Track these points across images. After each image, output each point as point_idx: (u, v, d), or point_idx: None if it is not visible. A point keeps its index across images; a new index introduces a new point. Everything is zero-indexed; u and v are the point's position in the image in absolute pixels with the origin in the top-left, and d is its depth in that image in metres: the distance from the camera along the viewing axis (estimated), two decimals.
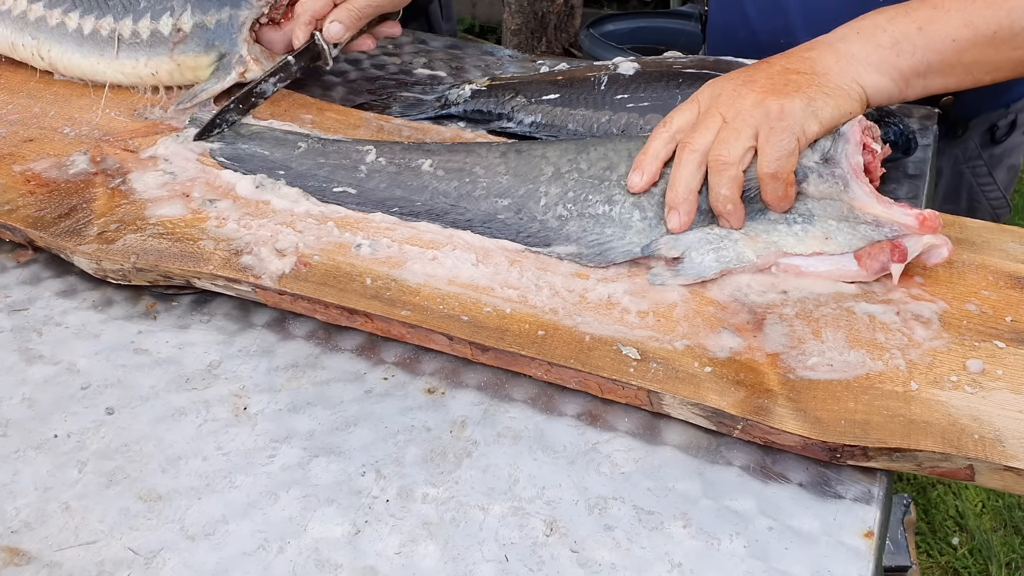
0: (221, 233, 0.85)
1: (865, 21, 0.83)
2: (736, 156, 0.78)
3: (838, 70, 0.80)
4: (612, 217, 0.83)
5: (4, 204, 0.89)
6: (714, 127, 0.79)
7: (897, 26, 0.81)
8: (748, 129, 0.78)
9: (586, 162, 0.87)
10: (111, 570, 0.61)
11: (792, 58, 0.82)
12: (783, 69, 0.81)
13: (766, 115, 0.77)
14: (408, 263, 0.82)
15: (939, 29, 0.80)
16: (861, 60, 0.81)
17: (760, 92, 0.78)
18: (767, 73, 0.81)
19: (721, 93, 0.81)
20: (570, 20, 3.11)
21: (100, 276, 0.84)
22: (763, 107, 0.77)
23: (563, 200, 0.85)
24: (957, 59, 0.80)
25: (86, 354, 0.77)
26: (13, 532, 0.63)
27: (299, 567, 0.61)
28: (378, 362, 0.77)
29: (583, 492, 0.66)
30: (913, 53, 0.80)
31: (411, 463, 0.68)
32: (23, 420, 0.72)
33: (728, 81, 0.82)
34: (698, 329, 0.75)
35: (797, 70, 0.80)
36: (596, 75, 1.01)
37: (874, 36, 0.81)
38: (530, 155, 0.89)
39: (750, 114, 0.78)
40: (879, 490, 0.66)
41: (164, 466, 0.68)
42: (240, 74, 1.01)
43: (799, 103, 0.77)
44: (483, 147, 0.92)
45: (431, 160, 0.91)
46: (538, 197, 0.86)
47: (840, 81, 0.80)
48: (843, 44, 0.82)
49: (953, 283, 0.79)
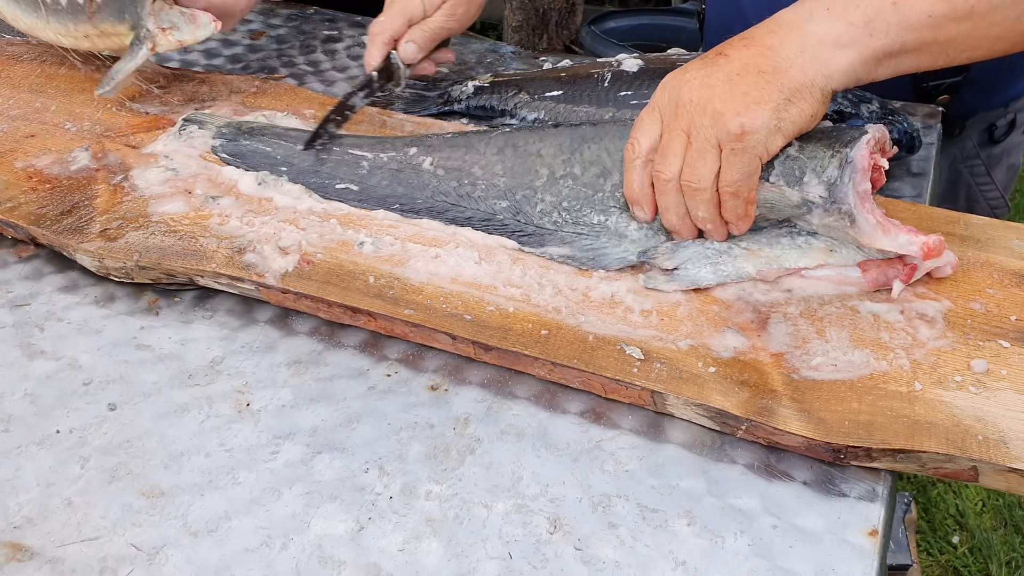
0: (224, 231, 0.85)
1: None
2: (706, 181, 0.75)
3: (803, 62, 0.74)
4: (608, 227, 0.83)
5: (6, 201, 0.89)
6: (680, 149, 0.75)
7: (871, 1, 0.74)
8: (711, 150, 0.74)
9: (580, 166, 0.86)
10: (114, 566, 0.61)
11: (752, 48, 0.75)
12: (743, 67, 0.74)
13: (727, 134, 0.73)
14: (411, 261, 0.82)
15: (915, 4, 0.73)
16: (829, 43, 0.74)
17: (720, 104, 0.73)
18: (725, 74, 0.74)
19: (679, 103, 0.75)
20: (571, 17, 3.10)
21: (103, 274, 0.84)
22: (723, 125, 0.73)
23: (558, 208, 0.85)
24: (933, 36, 0.74)
25: (88, 350, 0.77)
26: (15, 528, 0.63)
27: (302, 564, 0.61)
28: (381, 359, 0.77)
29: (587, 490, 0.66)
30: (887, 32, 0.74)
31: (414, 460, 0.68)
32: (25, 416, 0.72)
33: (685, 85, 0.75)
34: (702, 328, 0.75)
35: (759, 68, 0.74)
36: (599, 72, 1.01)
37: (845, 13, 0.74)
38: (526, 152, 0.89)
39: (711, 131, 0.73)
40: (883, 489, 0.66)
41: (167, 462, 0.68)
42: (151, 49, 0.97)
43: (761, 119, 0.72)
44: (481, 141, 0.91)
45: (431, 158, 0.91)
46: (534, 202, 0.86)
47: (805, 77, 0.74)
48: (810, 24, 0.75)
49: (958, 281, 0.79)
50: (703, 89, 0.74)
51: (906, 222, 0.84)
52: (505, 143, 0.90)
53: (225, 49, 1.23)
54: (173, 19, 0.98)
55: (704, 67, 0.75)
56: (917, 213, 0.87)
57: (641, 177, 0.79)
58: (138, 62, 0.98)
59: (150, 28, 0.96)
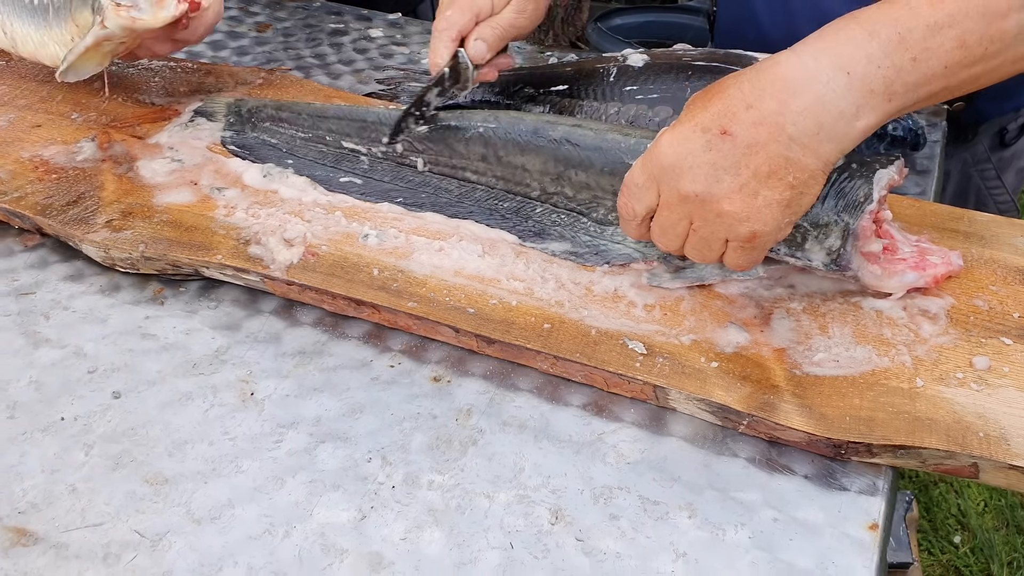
0: (230, 222, 0.85)
1: (857, 50, 0.67)
2: (712, 258, 0.72)
3: (818, 144, 0.67)
4: (604, 236, 0.84)
5: (13, 191, 0.89)
6: (683, 232, 0.71)
7: (892, 61, 0.67)
8: (717, 242, 0.70)
9: (570, 188, 0.86)
10: (117, 552, 0.61)
11: (762, 129, 0.66)
12: (751, 158, 0.66)
13: (736, 236, 0.69)
14: (415, 254, 0.82)
15: (933, 56, 0.68)
16: (849, 116, 0.67)
17: (728, 206, 0.67)
18: (732, 165, 0.67)
19: (681, 192, 0.69)
20: (577, 14, 3.10)
21: (108, 264, 0.84)
22: (732, 228, 0.68)
23: (556, 213, 0.86)
24: (944, 85, 0.70)
25: (93, 338, 0.78)
26: (20, 513, 0.64)
27: (305, 551, 0.62)
28: (384, 350, 0.77)
29: (588, 481, 0.66)
30: (905, 93, 0.68)
31: (417, 450, 0.68)
32: (30, 403, 0.72)
33: (688, 173, 0.68)
34: (705, 323, 0.76)
35: (769, 162, 0.66)
36: (605, 67, 1.01)
37: (867, 80, 0.67)
38: (511, 165, 0.88)
39: (718, 229, 0.69)
40: (884, 483, 0.66)
41: (171, 450, 0.68)
42: (100, 24, 0.88)
43: (772, 222, 0.68)
44: (460, 143, 0.91)
45: (422, 159, 0.91)
46: (534, 206, 0.87)
47: (819, 162, 0.67)
48: (829, 93, 0.66)
49: (961, 278, 0.79)
50: (709, 184, 0.68)
51: (909, 219, 0.85)
52: (488, 151, 0.90)
53: (231, 41, 1.23)
54: None
55: (708, 151, 0.67)
56: (920, 209, 0.87)
57: (640, 232, 0.75)
58: (87, 42, 0.89)
59: (102, 2, 0.87)
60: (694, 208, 0.69)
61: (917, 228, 0.84)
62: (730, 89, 0.69)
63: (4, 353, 0.76)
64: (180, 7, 0.89)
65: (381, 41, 1.23)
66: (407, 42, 1.24)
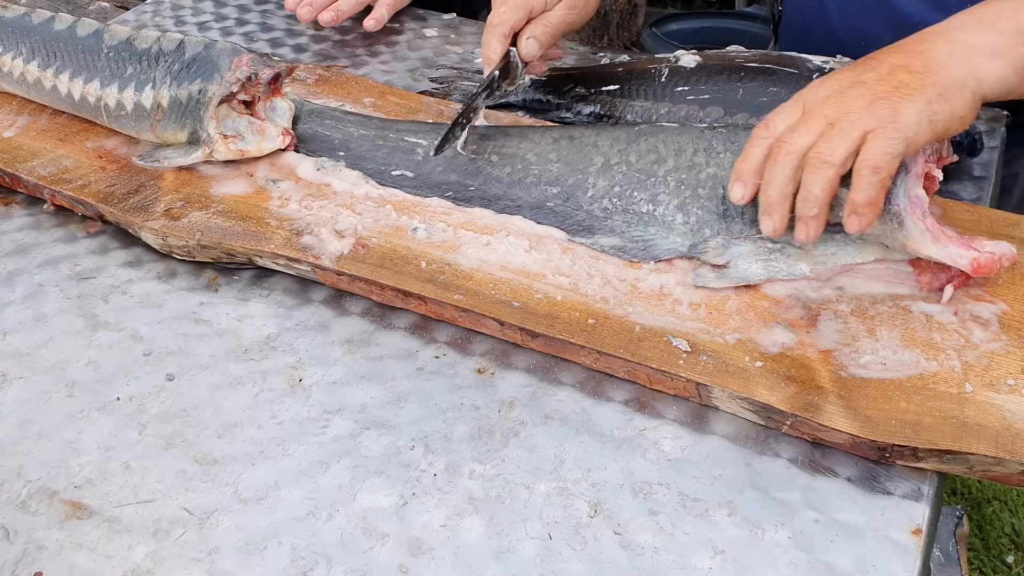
0: (283, 213, 0.87)
1: (987, 9, 0.77)
2: (838, 157, 0.71)
3: (953, 64, 0.74)
4: (656, 216, 0.83)
5: (77, 179, 0.92)
6: (816, 128, 0.74)
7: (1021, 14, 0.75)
8: (855, 131, 0.72)
9: (635, 154, 0.87)
10: (167, 528, 0.63)
11: (902, 53, 0.76)
12: (893, 67, 0.75)
13: (877, 119, 0.71)
14: (462, 248, 0.83)
15: None
16: (980, 49, 0.74)
17: (870, 94, 0.73)
18: (877, 73, 0.75)
19: (828, 94, 0.75)
20: (633, 19, 3.10)
21: (166, 251, 0.87)
22: (873, 110, 0.72)
23: (609, 194, 0.85)
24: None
25: (149, 322, 0.80)
26: (76, 487, 0.66)
27: (347, 534, 0.63)
28: (430, 341, 0.78)
29: (628, 476, 0.66)
30: None
31: (459, 440, 0.69)
32: (88, 382, 0.74)
33: (834, 81, 0.76)
34: (750, 323, 0.75)
35: (908, 68, 0.74)
36: (657, 67, 1.01)
37: (996, 24, 0.75)
38: (582, 143, 0.89)
39: (859, 116, 0.72)
40: (929, 488, 0.65)
41: (220, 432, 0.70)
42: (207, 154, 0.91)
43: (914, 108, 0.72)
44: (537, 132, 0.92)
45: (486, 145, 0.92)
46: (586, 187, 0.86)
47: (955, 77, 0.73)
48: (959, 33, 0.76)
49: (1015, 284, 0.77)
50: (854, 85, 0.74)
51: (963, 223, 0.83)
52: (562, 134, 0.91)
53: (289, 39, 1.26)
54: (239, 127, 0.91)
55: (853, 70, 0.76)
56: (975, 215, 0.85)
57: (760, 152, 0.76)
58: (188, 162, 0.92)
59: (211, 132, 0.90)
60: (840, 103, 0.73)
61: (971, 233, 0.82)
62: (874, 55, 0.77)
63: (65, 334, 0.79)
64: (284, 140, 0.93)
65: (435, 40, 1.25)
66: (461, 42, 1.25)
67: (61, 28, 1.00)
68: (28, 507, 0.65)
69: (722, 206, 0.82)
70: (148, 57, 0.94)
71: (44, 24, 1.01)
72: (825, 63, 0.97)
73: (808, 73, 0.96)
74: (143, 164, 0.94)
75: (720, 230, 0.81)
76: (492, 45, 0.93)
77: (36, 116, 1.02)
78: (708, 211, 0.82)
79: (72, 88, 0.97)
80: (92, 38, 0.98)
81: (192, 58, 0.92)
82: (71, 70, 0.98)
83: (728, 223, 0.81)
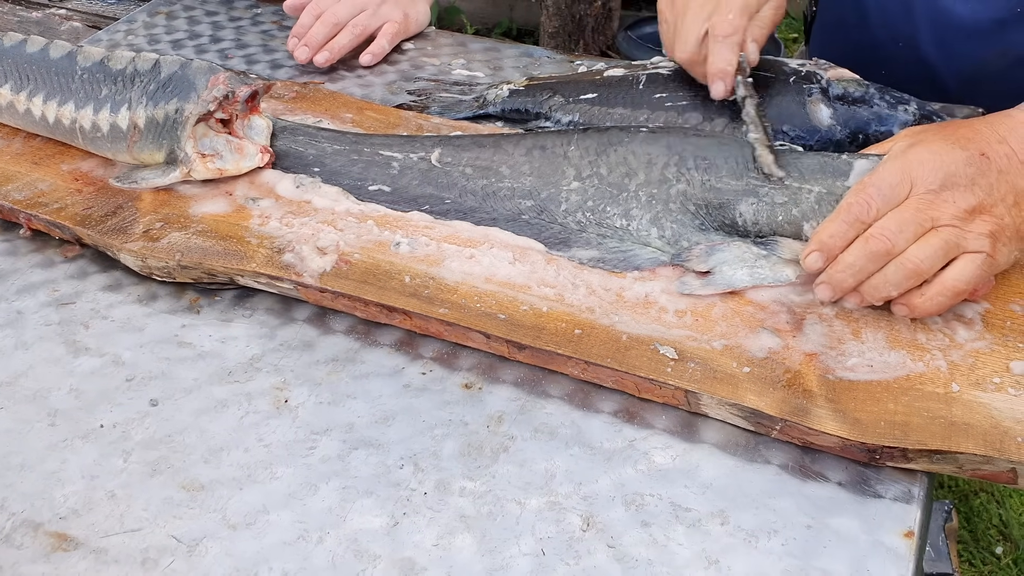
0: (264, 231, 0.86)
1: None
2: (929, 271, 0.72)
3: None
4: (630, 231, 0.83)
5: (53, 202, 0.91)
6: (919, 232, 0.71)
7: None
8: (953, 249, 0.72)
9: (606, 166, 0.86)
10: (155, 557, 0.62)
11: (1015, 159, 0.73)
12: (1001, 172, 0.72)
13: (980, 245, 0.71)
14: (446, 261, 0.83)
15: None
16: None
17: (993, 222, 0.71)
18: (988, 180, 0.72)
19: (942, 183, 0.72)
20: (608, 22, 3.10)
21: (145, 273, 0.86)
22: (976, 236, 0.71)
23: (582, 208, 0.85)
24: None
25: (131, 347, 0.79)
26: (61, 518, 0.65)
27: (338, 557, 0.62)
28: (416, 357, 0.78)
29: (620, 488, 0.66)
30: None
31: (448, 457, 0.69)
32: (70, 410, 0.73)
33: (952, 162, 0.72)
34: (737, 329, 0.75)
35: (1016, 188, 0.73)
36: (634, 74, 1.01)
37: None
38: (553, 153, 0.89)
39: (964, 236, 0.71)
40: (919, 490, 0.65)
41: (206, 456, 0.69)
42: (185, 174, 0.89)
43: (1010, 245, 0.72)
44: (510, 142, 0.92)
45: (460, 157, 0.91)
46: (559, 201, 0.86)
47: None
48: None
49: (996, 283, 0.78)
50: (971, 187, 0.72)
51: None
52: (534, 143, 0.91)
53: (264, 55, 1.25)
54: (217, 146, 0.90)
55: (969, 165, 0.72)
56: None
57: (846, 234, 0.73)
58: (166, 182, 0.91)
59: (188, 152, 0.89)
60: (949, 209, 0.71)
61: None
62: (976, 124, 0.75)
63: (46, 361, 0.78)
64: (263, 157, 0.92)
65: (412, 53, 1.25)
66: (438, 53, 1.25)
67: (33, 51, 0.99)
68: (12, 540, 0.64)
69: (696, 220, 0.82)
70: (123, 78, 0.93)
71: (16, 47, 1.00)
72: (801, 66, 0.97)
73: (785, 77, 0.96)
74: (120, 185, 0.93)
75: (699, 241, 0.81)
76: (726, 57, 0.89)
77: (10, 140, 1.01)
78: (683, 224, 0.82)
79: (46, 111, 0.96)
80: (66, 60, 0.97)
81: (168, 77, 0.91)
82: (45, 92, 0.97)
83: (706, 235, 0.81)
